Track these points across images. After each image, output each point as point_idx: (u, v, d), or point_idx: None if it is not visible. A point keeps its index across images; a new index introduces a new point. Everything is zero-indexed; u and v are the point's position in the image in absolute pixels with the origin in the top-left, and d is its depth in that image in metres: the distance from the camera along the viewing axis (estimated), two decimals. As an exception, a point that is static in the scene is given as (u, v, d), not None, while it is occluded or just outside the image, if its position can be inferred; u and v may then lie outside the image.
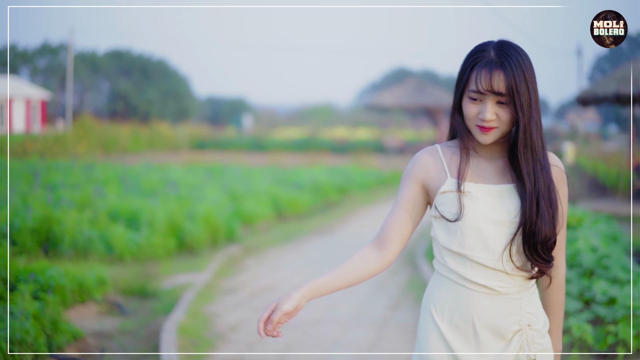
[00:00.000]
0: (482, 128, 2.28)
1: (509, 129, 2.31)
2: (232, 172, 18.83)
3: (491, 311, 2.30)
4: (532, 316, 2.35)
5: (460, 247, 2.29)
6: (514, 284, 2.31)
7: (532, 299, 2.36)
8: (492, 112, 2.26)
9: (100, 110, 49.55)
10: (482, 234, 2.28)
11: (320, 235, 12.06)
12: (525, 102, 2.26)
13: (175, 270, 8.56)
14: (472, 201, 2.30)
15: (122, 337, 5.98)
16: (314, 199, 15.73)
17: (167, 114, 51.85)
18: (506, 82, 2.24)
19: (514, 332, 2.32)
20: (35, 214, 9.18)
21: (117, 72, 52.14)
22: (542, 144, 2.31)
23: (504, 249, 2.28)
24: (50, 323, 5.37)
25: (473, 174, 2.34)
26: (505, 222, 2.29)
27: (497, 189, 2.32)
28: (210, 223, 10.50)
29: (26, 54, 47.88)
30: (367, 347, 5.79)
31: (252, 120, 59.13)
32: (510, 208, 2.29)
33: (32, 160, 19.03)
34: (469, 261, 2.30)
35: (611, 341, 5.30)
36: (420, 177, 2.37)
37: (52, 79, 47.77)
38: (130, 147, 33.03)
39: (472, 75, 2.28)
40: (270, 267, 9.18)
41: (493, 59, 2.26)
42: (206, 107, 64.58)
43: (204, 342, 5.74)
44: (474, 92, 2.27)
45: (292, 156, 29.92)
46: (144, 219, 9.92)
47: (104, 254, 8.89)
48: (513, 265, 2.29)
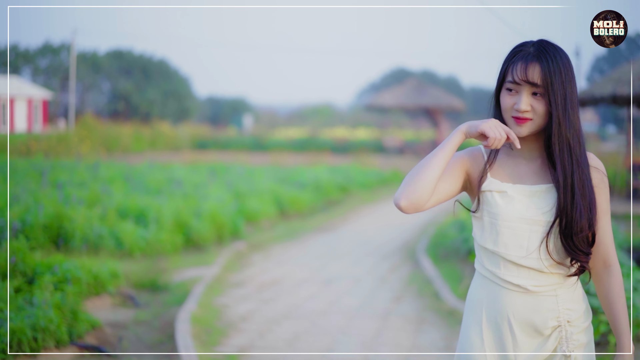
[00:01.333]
0: (517, 119, 2.34)
1: (543, 122, 2.35)
2: (234, 171, 19.10)
3: (526, 308, 2.36)
4: (572, 312, 2.38)
5: (495, 245, 2.37)
6: (548, 282, 2.36)
7: (572, 296, 2.39)
8: (527, 103, 2.32)
9: (101, 110, 49.73)
10: (515, 233, 2.35)
11: (322, 232, 12.33)
12: (560, 97, 2.31)
13: (184, 265, 8.84)
14: (508, 201, 2.37)
15: (137, 327, 6.25)
16: (316, 198, 16.00)
17: (168, 114, 52.05)
18: (542, 73, 2.31)
19: (552, 328, 2.37)
20: (46, 211, 9.45)
21: (118, 72, 52.32)
22: (580, 142, 2.36)
23: (538, 247, 2.34)
24: (71, 313, 5.64)
25: (510, 174, 2.41)
26: (540, 221, 2.35)
27: (534, 189, 2.38)
28: (215, 220, 10.78)
29: (28, 54, 48.08)
30: (371, 336, 6.08)
31: (252, 120, 59.36)
32: (545, 208, 2.35)
33: (37, 159, 19.28)
34: (503, 260, 2.37)
35: (603, 329, 5.59)
36: (468, 165, 2.44)
37: (54, 79, 47.98)
38: (132, 147, 33.26)
39: (510, 67, 2.36)
40: (275, 262, 9.46)
41: (531, 52, 2.34)
42: (206, 107, 64.77)
43: (217, 330, 6.03)
44: (510, 82, 2.35)
45: (293, 156, 30.20)
46: (152, 216, 10.20)
47: (114, 249, 9.16)
48: (551, 261, 2.34)
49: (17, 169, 15.39)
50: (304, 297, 7.44)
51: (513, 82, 2.34)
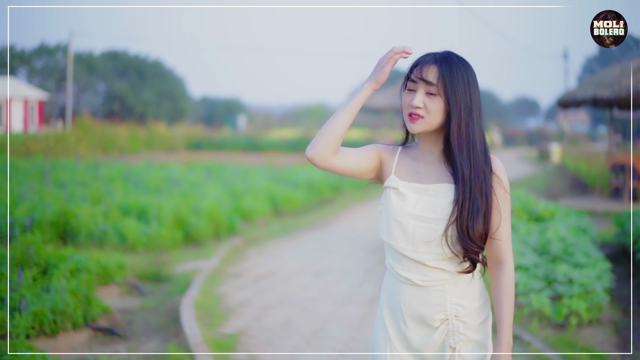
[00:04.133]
0: (410, 116, 2.47)
1: (437, 122, 2.46)
2: (230, 170, 19.61)
3: (416, 301, 2.49)
4: (461, 308, 2.48)
5: (388, 237, 2.52)
6: (435, 277, 2.47)
7: (464, 293, 2.49)
8: (420, 100, 2.45)
9: (96, 111, 50.09)
10: (403, 227, 2.48)
11: (315, 229, 12.90)
12: (462, 99, 2.42)
13: (184, 259, 9.42)
14: (400, 198, 2.51)
15: (144, 313, 6.83)
16: (309, 196, 16.52)
17: (163, 114, 52.40)
18: (438, 74, 2.43)
19: (440, 321, 2.49)
20: (53, 208, 10.00)
21: (113, 73, 52.72)
22: (480, 144, 2.45)
23: (427, 242, 2.45)
24: (85, 298, 6.21)
25: (409, 173, 2.55)
26: (427, 218, 2.46)
27: (426, 188, 2.49)
28: (213, 217, 11.34)
29: (24, 54, 48.49)
30: (358, 319, 6.68)
31: (246, 121, 59.80)
32: (438, 206, 2.46)
33: (38, 159, 19.76)
34: (396, 253, 2.51)
35: (565, 312, 6.19)
36: (382, 154, 2.61)
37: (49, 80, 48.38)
38: (128, 147, 33.69)
39: (412, 70, 2.51)
40: (270, 256, 10.05)
41: (432, 57, 2.48)
42: (200, 107, 65.16)
43: (218, 315, 6.62)
44: (409, 81, 2.49)
45: (287, 156, 30.75)
46: (152, 213, 10.77)
47: (118, 244, 9.73)
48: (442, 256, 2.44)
49: (19, 168, 15.88)
50: (297, 287, 8.03)
51: (411, 80, 2.48)
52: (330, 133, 2.47)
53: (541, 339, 5.80)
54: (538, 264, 7.54)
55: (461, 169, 2.43)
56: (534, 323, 6.12)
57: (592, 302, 6.34)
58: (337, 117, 2.48)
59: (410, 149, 2.60)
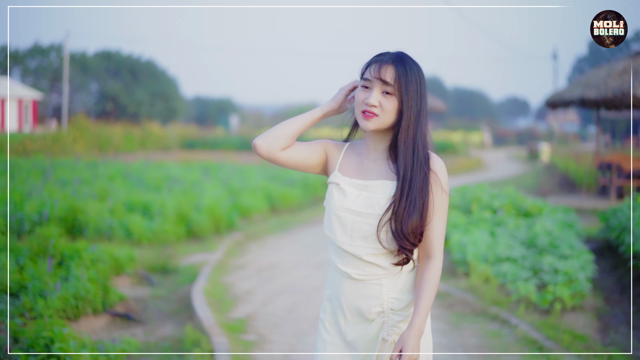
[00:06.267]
0: (365, 113, 2.50)
1: (390, 121, 2.51)
2: (226, 169, 20.01)
3: (353, 294, 2.55)
4: (397, 301, 2.53)
5: (330, 232, 2.58)
6: (371, 272, 2.52)
7: (400, 287, 2.54)
8: (376, 98, 2.48)
9: (89, 111, 50.34)
10: (341, 222, 2.53)
11: (311, 225, 13.34)
12: (413, 101, 2.47)
13: (188, 252, 9.86)
14: (340, 193, 2.56)
15: (156, 301, 7.27)
16: (304, 194, 16.92)
17: (156, 114, 52.66)
18: (395, 74, 2.47)
19: (376, 314, 2.54)
20: (61, 204, 10.41)
21: (106, 73, 52.97)
22: (424, 145, 2.50)
23: (364, 237, 2.49)
24: (102, 286, 6.64)
25: (352, 169, 2.60)
26: (365, 213, 2.50)
27: (367, 184, 2.54)
28: (213, 214, 11.77)
29: (18, 55, 48.72)
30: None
31: (238, 121, 60.11)
32: (376, 202, 2.50)
33: (37, 159, 20.09)
34: (336, 247, 2.57)
35: (550, 298, 6.67)
36: (329, 149, 2.68)
37: (43, 80, 48.63)
38: (123, 147, 33.98)
39: (368, 68, 2.54)
40: (270, 249, 10.50)
41: (388, 57, 2.52)
42: (193, 107, 65.45)
43: (226, 302, 7.08)
44: (365, 79, 2.51)
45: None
46: (156, 209, 11.20)
47: (124, 238, 10.16)
48: (380, 250, 2.48)
49: (19, 167, 16.20)
50: (299, 277, 8.50)
51: (367, 79, 2.52)
52: (280, 132, 2.58)
53: (527, 322, 6.27)
54: (526, 256, 8.02)
55: (404, 167, 2.48)
56: (521, 308, 6.59)
57: (575, 290, 6.81)
58: (291, 122, 2.61)
59: (357, 146, 2.67)
